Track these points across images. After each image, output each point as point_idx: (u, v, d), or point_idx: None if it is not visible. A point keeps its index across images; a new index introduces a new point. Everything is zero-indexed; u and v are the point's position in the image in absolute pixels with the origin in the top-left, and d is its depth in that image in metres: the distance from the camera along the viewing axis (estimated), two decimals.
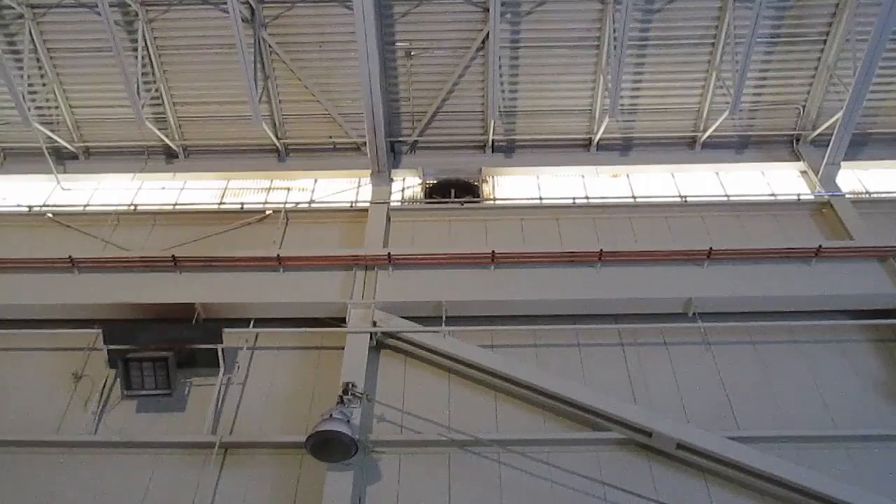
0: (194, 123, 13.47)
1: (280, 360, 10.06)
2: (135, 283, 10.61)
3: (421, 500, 8.23)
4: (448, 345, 9.58)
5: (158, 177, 13.56)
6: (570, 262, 10.58)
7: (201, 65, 12.75)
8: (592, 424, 8.89)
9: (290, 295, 10.39)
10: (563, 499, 8.19)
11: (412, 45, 12.41)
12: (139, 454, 8.88)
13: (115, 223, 12.32)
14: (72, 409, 9.52)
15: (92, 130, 13.64)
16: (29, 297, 10.50)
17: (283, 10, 12.13)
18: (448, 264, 10.63)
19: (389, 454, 8.66)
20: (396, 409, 9.13)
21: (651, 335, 10.04)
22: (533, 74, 12.69)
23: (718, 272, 10.42)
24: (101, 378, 9.74)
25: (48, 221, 12.37)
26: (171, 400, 9.50)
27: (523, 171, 13.30)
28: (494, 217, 12.08)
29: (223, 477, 8.60)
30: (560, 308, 10.24)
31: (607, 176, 13.28)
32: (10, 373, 10.06)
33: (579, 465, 8.43)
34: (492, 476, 8.43)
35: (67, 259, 10.77)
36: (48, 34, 12.54)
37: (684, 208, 12.03)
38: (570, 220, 11.94)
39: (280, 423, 9.21)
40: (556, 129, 13.30)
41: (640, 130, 13.30)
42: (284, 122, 13.36)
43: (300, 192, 13.30)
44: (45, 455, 8.93)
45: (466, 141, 13.48)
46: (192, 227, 12.11)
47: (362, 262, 10.75)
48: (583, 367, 9.72)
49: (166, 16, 12.26)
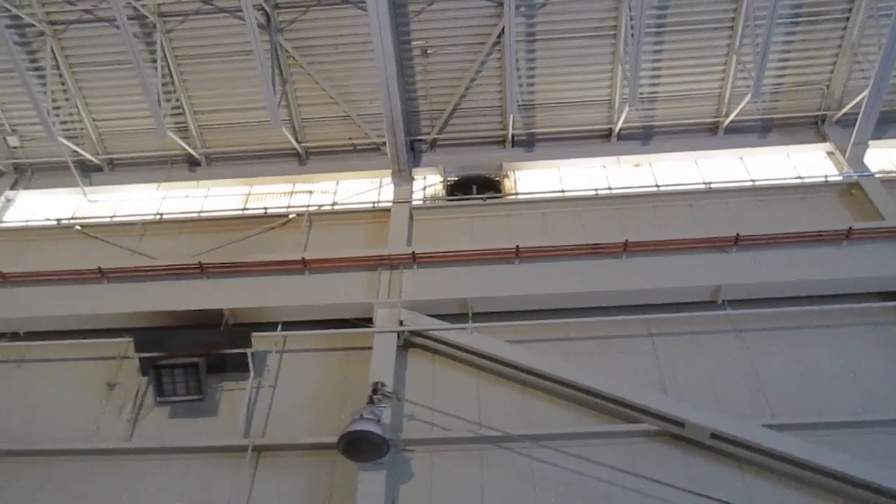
0: (215, 131, 13.58)
1: (309, 362, 10.11)
2: (163, 291, 10.73)
3: (454, 498, 8.22)
4: (475, 341, 9.57)
5: (182, 185, 13.70)
6: (595, 253, 10.50)
7: (220, 73, 12.86)
8: (624, 416, 8.82)
9: (317, 297, 10.44)
10: (596, 492, 8.14)
11: (428, 43, 12.40)
12: (173, 459, 8.98)
13: (141, 233, 12.47)
14: (106, 417, 9.66)
15: (115, 142, 13.82)
16: (61, 308, 10.67)
17: (298, 15, 12.18)
18: (472, 261, 10.62)
19: (421, 452, 8.66)
20: (426, 408, 9.13)
21: (680, 325, 9.93)
22: (550, 67, 12.62)
23: (746, 258, 10.29)
24: (134, 386, 9.87)
25: (76, 233, 12.55)
26: (203, 405, 9.60)
27: (544, 165, 13.23)
28: (517, 212, 12.03)
29: (257, 479, 8.67)
30: (586, 301, 10.17)
31: (629, 165, 13.17)
32: (46, 383, 10.23)
33: (612, 458, 8.36)
34: (524, 471, 8.40)
35: (97, 270, 10.93)
36: (69, 49, 12.73)
37: (709, 195, 11.89)
38: (593, 212, 11.85)
39: (311, 424, 9.25)
40: (576, 120, 13.22)
41: (660, 118, 13.17)
42: (304, 125, 13.42)
43: (322, 194, 13.35)
44: (81, 463, 9.07)
45: (486, 136, 13.44)
46: (217, 234, 12.22)
47: (387, 262, 10.76)
48: (612, 359, 9.64)
49: (184, 26, 12.38)
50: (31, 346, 10.59)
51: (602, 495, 8.10)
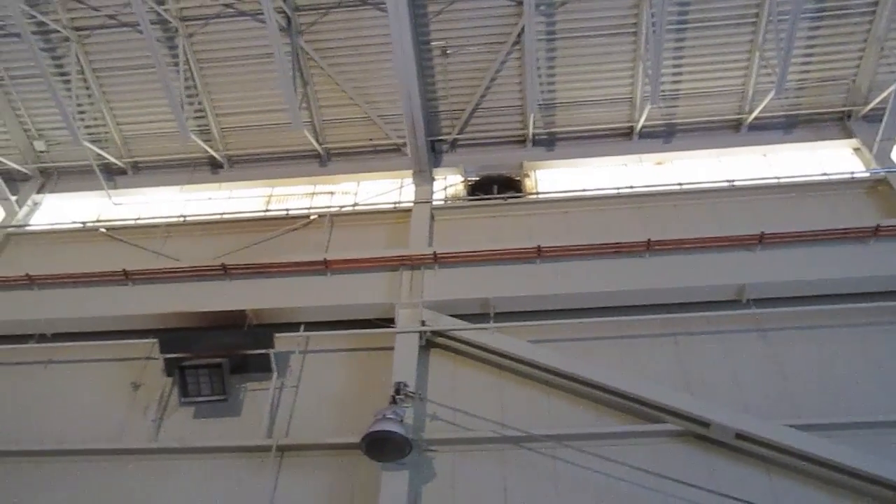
0: (237, 133, 13.69)
1: (331, 362, 10.15)
2: (187, 293, 10.83)
3: (477, 498, 8.21)
4: (497, 341, 9.55)
5: (205, 187, 13.82)
6: (617, 252, 10.43)
7: (241, 75, 12.95)
8: (647, 417, 8.76)
9: (339, 298, 10.48)
10: (620, 492, 8.09)
11: (447, 43, 12.40)
12: (198, 459, 9.06)
13: (165, 235, 12.60)
14: (132, 418, 9.77)
15: (139, 146, 13.97)
16: (87, 309, 10.82)
17: (319, 17, 12.24)
18: (494, 261, 10.59)
19: (443, 452, 8.66)
20: (448, 408, 9.13)
21: (704, 324, 9.83)
22: (570, 66, 12.57)
23: (771, 257, 10.17)
24: (159, 386, 9.97)
25: (101, 236, 12.71)
26: (227, 405, 9.67)
27: (565, 164, 13.17)
28: (538, 211, 11.99)
29: (281, 479, 8.73)
30: (609, 300, 10.11)
31: (651, 164, 13.08)
32: (72, 384, 10.37)
33: (636, 458, 8.30)
34: (547, 471, 8.37)
35: (121, 272, 11.06)
36: (93, 55, 12.90)
37: (732, 193, 11.75)
38: (615, 211, 11.77)
39: (334, 424, 9.29)
40: (597, 119, 13.14)
41: (682, 116, 13.05)
42: (325, 126, 13.48)
43: (343, 195, 13.41)
44: (107, 462, 9.18)
45: (506, 136, 13.41)
46: (239, 235, 12.31)
47: (408, 263, 10.77)
48: (635, 358, 9.57)
49: (205, 30, 12.49)
50: (58, 348, 10.74)
51: (625, 496, 8.05)
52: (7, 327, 10.93)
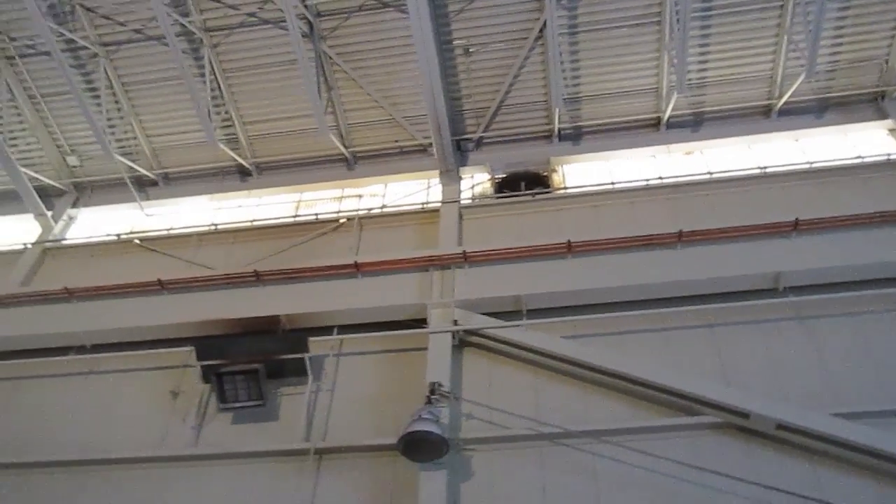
0: (264, 140, 13.80)
1: (366, 364, 10.19)
2: (221, 300, 10.96)
3: (516, 495, 8.18)
4: (530, 338, 9.51)
5: (234, 195, 13.97)
6: (649, 245, 10.32)
7: (266, 83, 13.07)
8: (685, 409, 8.64)
9: (370, 300, 10.52)
10: (660, 486, 8.00)
11: (469, 41, 12.39)
12: (238, 464, 9.14)
13: (197, 244, 12.75)
14: (172, 425, 9.90)
15: (169, 157, 14.16)
16: (124, 320, 11.00)
17: (341, 22, 12.30)
18: (524, 258, 10.54)
19: (481, 451, 8.64)
20: (484, 406, 9.10)
21: (740, 314, 9.65)
22: (594, 58, 12.47)
23: (807, 243, 9.98)
24: (198, 393, 10.09)
25: (136, 247, 12.91)
26: (265, 410, 9.75)
27: (593, 158, 13.06)
28: (567, 206, 11.89)
29: (319, 481, 8.78)
30: (642, 293, 9.99)
31: (680, 154, 12.92)
32: (112, 393, 10.55)
33: (675, 452, 8.19)
34: (586, 468, 8.31)
35: (156, 282, 11.22)
36: (121, 69, 13.11)
37: (765, 180, 11.55)
38: (645, 203, 11.64)
39: (371, 426, 9.32)
40: (623, 111, 13.01)
41: (710, 104, 12.86)
42: (350, 130, 13.54)
43: (371, 197, 13.46)
44: (149, 470, 9.32)
45: (532, 132, 13.34)
46: (270, 242, 12.42)
47: (438, 263, 10.77)
48: (671, 351, 9.45)
49: (229, 39, 12.62)
50: (98, 359, 10.93)
51: (666, 490, 7.96)
52: (48, 340, 11.15)
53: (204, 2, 12.27)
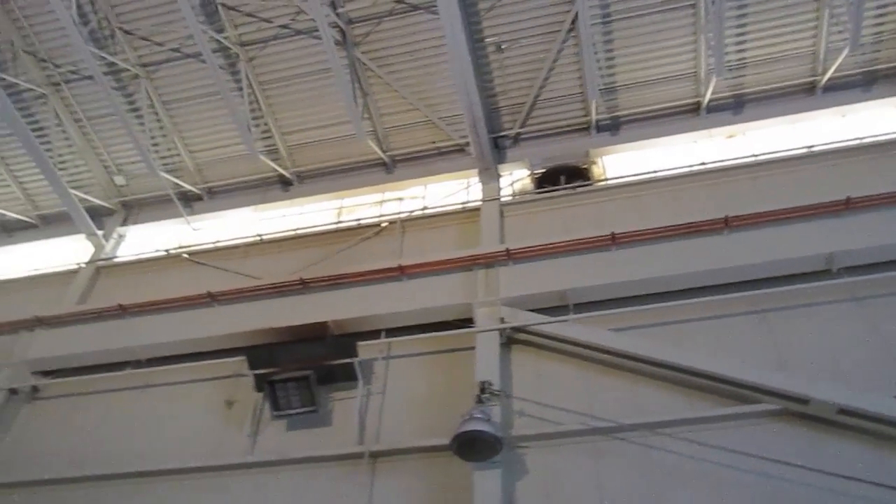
0: (303, 149, 13.96)
1: (414, 366, 10.22)
2: (269, 309, 11.11)
3: (572, 492, 8.11)
4: (578, 333, 9.42)
5: (277, 205, 14.15)
6: (695, 232, 10.11)
7: (303, 93, 13.22)
8: (741, 398, 8.44)
9: (416, 302, 10.55)
10: (720, 478, 7.84)
11: (501, 38, 12.35)
12: (294, 470, 9.26)
13: (244, 255, 12.96)
14: (228, 434, 10.07)
15: (212, 171, 14.42)
16: (177, 333, 11.23)
17: (372, 27, 12.37)
18: (568, 252, 10.44)
19: (534, 448, 8.58)
20: (535, 403, 9.03)
21: (793, 298, 9.38)
22: (629, 46, 12.30)
23: (860, 221, 9.65)
24: (251, 402, 10.23)
25: (184, 261, 13.17)
26: (318, 416, 9.85)
27: (632, 147, 12.88)
28: (609, 198, 11.75)
29: (375, 484, 8.83)
30: (689, 282, 9.79)
31: (722, 138, 12.65)
32: (168, 405, 10.77)
33: (733, 442, 8.00)
34: (642, 461, 8.19)
35: (206, 294, 11.43)
36: (162, 88, 13.40)
37: (812, 159, 11.23)
38: (688, 190, 11.42)
39: (423, 427, 9.34)
40: (661, 98, 12.81)
41: (751, 85, 12.56)
42: (388, 134, 13.60)
43: (412, 200, 13.49)
44: (208, 479, 9.49)
45: (569, 125, 13.22)
46: (314, 249, 12.54)
47: (481, 261, 10.74)
48: (723, 339, 9.24)
49: (264, 52, 12.81)
50: (153, 372, 11.16)
51: (726, 481, 7.79)
52: (104, 356, 11.44)
53: (238, 17, 12.47)
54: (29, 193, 15.00)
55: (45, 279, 13.83)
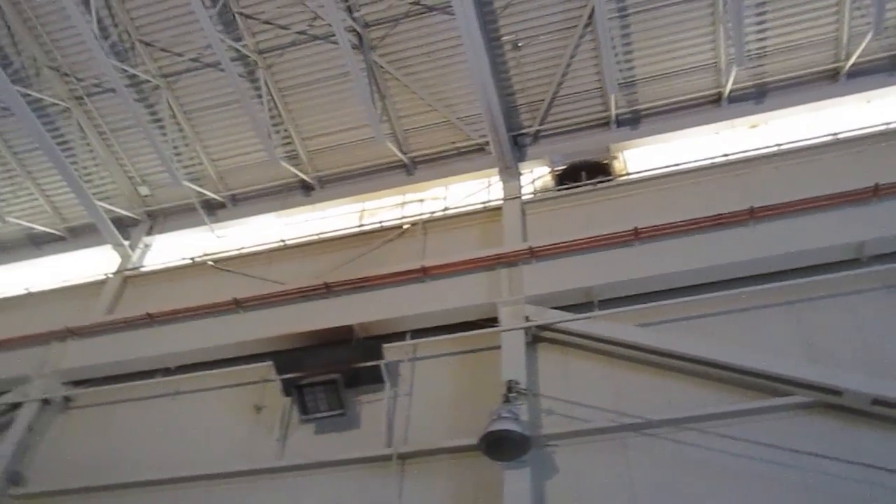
0: (324, 154, 14.01)
1: (441, 367, 10.22)
2: (295, 314, 11.17)
3: (603, 489, 8.07)
4: (604, 329, 9.36)
5: (299, 210, 14.22)
6: (719, 224, 9.99)
7: (321, 98, 13.28)
8: (772, 391, 8.33)
9: (440, 303, 10.54)
10: (753, 472, 7.75)
11: (518, 36, 12.31)
12: (324, 473, 9.32)
13: (268, 261, 13.04)
14: (258, 439, 10.14)
15: (234, 178, 14.52)
16: (204, 340, 11.33)
17: (388, 30, 12.40)
18: (591, 248, 10.37)
19: (563, 446, 8.55)
20: (562, 401, 8.99)
21: (822, 288, 9.22)
22: (647, 39, 12.19)
23: (889, 208, 9.45)
24: (280, 406, 10.30)
25: (209, 269, 13.28)
26: (346, 419, 9.88)
27: (653, 141, 12.75)
28: (631, 192, 11.64)
29: (405, 486, 8.86)
30: (715, 275, 9.66)
31: (745, 128, 12.49)
32: (199, 412, 10.88)
33: (765, 435, 7.91)
34: (672, 457, 8.13)
35: (232, 300, 11.53)
36: (182, 98, 13.54)
37: (837, 146, 11.03)
38: (711, 182, 11.27)
39: (451, 427, 9.34)
40: (681, 90, 12.67)
41: (773, 73, 12.38)
42: (407, 136, 13.61)
43: (433, 201, 13.49)
44: (239, 484, 9.60)
45: (589, 121, 13.12)
46: (337, 253, 12.59)
47: (504, 260, 10.71)
48: (751, 331, 9.12)
49: (282, 59, 12.89)
50: (182, 379, 11.28)
51: (760, 475, 7.71)
52: (134, 365, 11.59)
53: (255, 25, 12.56)
54: (56, 206, 15.23)
55: (75, 290, 14.03)
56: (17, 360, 12.28)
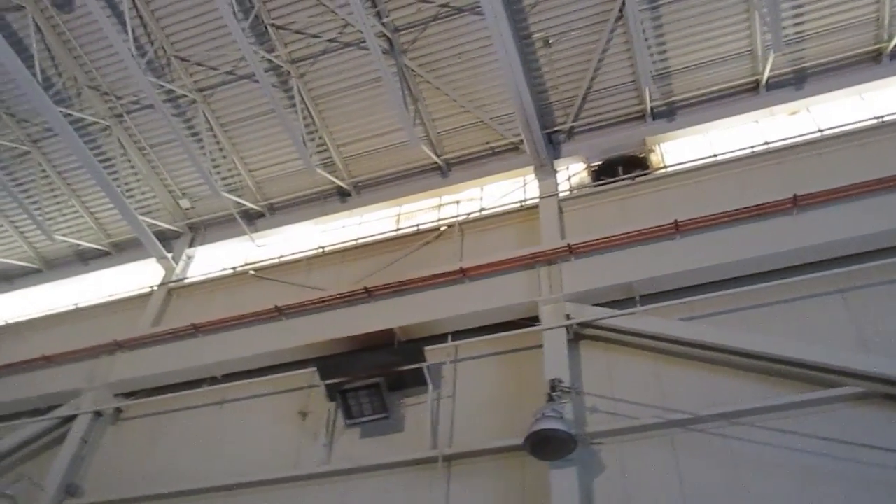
0: (359, 160, 14.10)
1: (483, 367, 10.19)
2: (336, 319, 11.26)
3: (651, 486, 7.95)
4: (647, 324, 9.24)
5: (337, 216, 14.34)
6: (762, 214, 9.77)
7: (354, 104, 13.38)
8: (822, 382, 8.09)
9: (480, 303, 10.52)
10: (806, 465, 7.55)
11: (548, 32, 12.24)
12: (371, 477, 9.34)
13: (307, 267, 13.16)
14: (304, 444, 10.22)
15: (272, 187, 14.70)
16: (248, 348, 11.47)
17: (418, 34, 12.44)
18: (631, 243, 10.24)
19: (609, 444, 8.44)
20: (607, 398, 8.90)
21: (873, 275, 8.93)
22: (680, 29, 12.02)
23: None
24: (325, 411, 10.36)
25: (251, 278, 13.45)
26: (390, 422, 9.91)
27: (690, 132, 12.56)
28: (670, 185, 11.46)
29: (451, 487, 8.83)
30: (760, 265, 9.45)
31: (785, 115, 12.23)
32: (245, 419, 11.01)
33: (817, 428, 7.70)
34: (722, 452, 7.96)
35: (274, 308, 11.66)
36: (218, 111, 13.75)
37: (883, 129, 10.69)
38: (752, 171, 11.04)
39: (495, 428, 9.30)
40: (717, 79, 12.45)
41: (812, 58, 12.09)
42: (441, 138, 13.62)
43: (469, 202, 13.48)
44: (287, 490, 9.67)
45: (624, 115, 12.97)
46: (376, 257, 12.65)
47: (543, 258, 10.65)
48: (800, 322, 8.89)
49: (314, 67, 13.01)
50: (228, 388, 11.43)
51: (813, 469, 7.49)
52: (181, 375, 11.79)
53: (287, 35, 12.71)
54: (101, 222, 15.59)
55: (121, 304, 14.34)
56: (69, 374, 12.60)
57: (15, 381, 12.92)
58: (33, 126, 14.35)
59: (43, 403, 12.47)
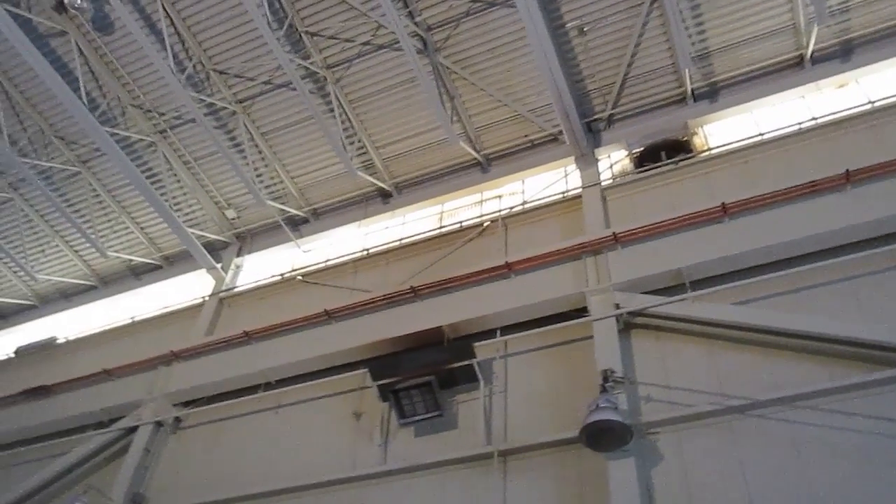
0: (399, 160, 14.15)
1: (533, 361, 10.13)
2: (384, 320, 11.33)
3: (712, 474, 7.79)
4: (699, 310, 9.07)
5: (380, 218, 14.42)
6: (813, 192, 9.50)
7: (391, 105, 13.44)
8: (885, 362, 7.80)
9: (527, 297, 10.47)
10: (871, 447, 7.28)
11: (582, 20, 12.09)
12: (427, 475, 9.36)
13: (353, 270, 13.27)
14: (360, 445, 10.30)
15: (314, 193, 14.86)
16: (300, 353, 11.61)
17: (451, 31, 12.42)
18: (678, 229, 10.07)
19: (666, 433, 8.30)
20: (662, 387, 8.76)
21: None
22: (717, 8, 11.74)
23: None
24: (378, 412, 10.43)
25: (299, 283, 13.62)
26: (443, 420, 9.92)
27: (734, 112, 12.26)
28: (715, 168, 11.23)
29: (508, 483, 8.80)
30: (813, 245, 9.18)
31: (832, 89, 11.85)
32: (301, 423, 11.14)
33: (882, 409, 7.44)
34: (783, 437, 7.76)
35: (323, 312, 11.78)
36: (258, 120, 13.94)
37: None
38: (800, 148, 10.76)
39: (549, 422, 9.23)
40: (759, 56, 12.14)
41: (858, 28, 11.68)
42: (479, 134, 13.59)
43: (511, 196, 13.42)
44: (345, 491, 9.75)
45: (664, 98, 12.76)
46: (421, 257, 12.69)
47: (589, 249, 10.53)
48: (859, 301, 8.60)
49: (350, 71, 13.10)
50: (283, 392, 11.59)
51: (879, 451, 7.22)
52: (237, 382, 11.98)
53: (321, 41, 12.82)
54: (151, 237, 15.96)
55: (175, 315, 14.67)
56: (129, 386, 12.93)
57: (78, 396, 13.32)
58: (82, 147, 14.75)
59: (106, 416, 12.81)
